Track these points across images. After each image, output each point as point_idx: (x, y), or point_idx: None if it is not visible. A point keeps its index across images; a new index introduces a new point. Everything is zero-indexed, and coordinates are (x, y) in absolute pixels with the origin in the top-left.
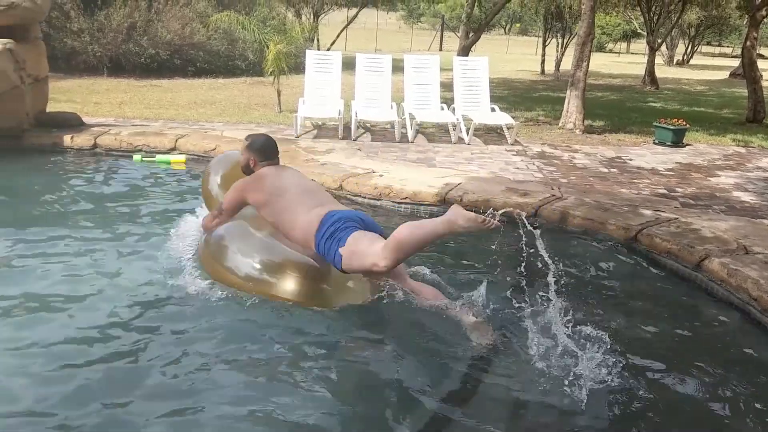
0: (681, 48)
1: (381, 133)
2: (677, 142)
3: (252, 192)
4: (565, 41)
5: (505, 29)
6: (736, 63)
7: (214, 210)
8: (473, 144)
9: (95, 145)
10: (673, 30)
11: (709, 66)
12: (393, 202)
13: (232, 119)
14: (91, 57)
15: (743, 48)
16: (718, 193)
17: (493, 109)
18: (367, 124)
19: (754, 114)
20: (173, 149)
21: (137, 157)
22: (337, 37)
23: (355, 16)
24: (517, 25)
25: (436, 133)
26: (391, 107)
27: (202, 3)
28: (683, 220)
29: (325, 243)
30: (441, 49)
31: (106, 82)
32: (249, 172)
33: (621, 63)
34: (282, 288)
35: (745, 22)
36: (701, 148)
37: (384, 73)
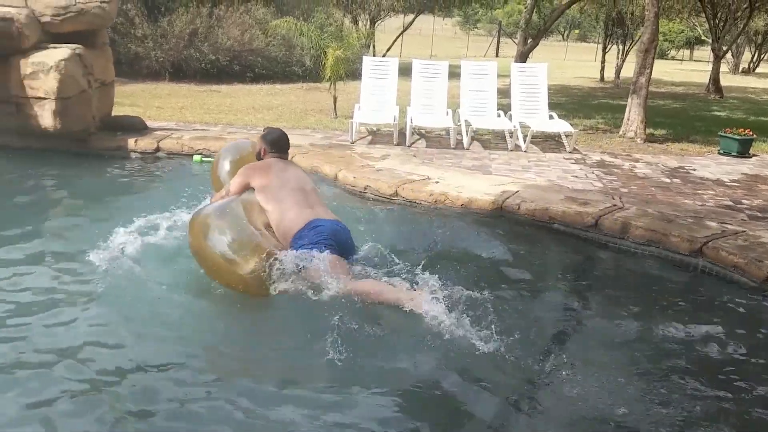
0: (747, 56)
1: (436, 140)
2: (743, 153)
3: (258, 176)
4: (626, 48)
5: (563, 35)
6: None
7: (222, 191)
8: (530, 151)
9: (158, 149)
10: (740, 37)
11: None
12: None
13: (289, 124)
14: (154, 62)
15: None
16: None
17: (551, 117)
18: (422, 131)
19: None
20: None
21: (197, 157)
22: (393, 43)
23: (412, 22)
24: (576, 31)
25: (492, 140)
26: (447, 114)
27: (262, 10)
28: (751, 233)
29: (300, 247)
30: (497, 56)
31: (168, 87)
32: (259, 160)
33: (684, 70)
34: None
35: None
36: None
37: (440, 79)
